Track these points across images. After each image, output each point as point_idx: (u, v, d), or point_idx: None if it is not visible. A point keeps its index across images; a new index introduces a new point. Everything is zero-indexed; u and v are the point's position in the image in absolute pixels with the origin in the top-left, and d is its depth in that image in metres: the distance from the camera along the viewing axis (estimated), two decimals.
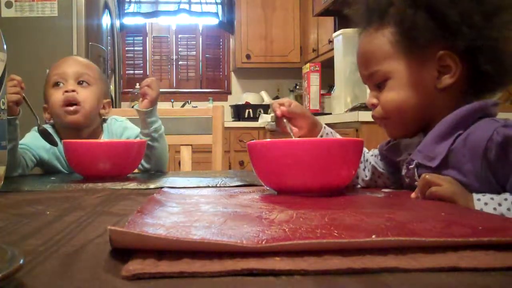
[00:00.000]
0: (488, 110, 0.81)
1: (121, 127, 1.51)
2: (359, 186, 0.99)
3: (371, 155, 1.01)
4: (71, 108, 1.37)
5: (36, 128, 1.35)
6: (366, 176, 0.99)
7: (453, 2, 0.81)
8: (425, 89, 0.85)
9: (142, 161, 1.37)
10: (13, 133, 1.21)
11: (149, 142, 1.36)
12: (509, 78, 0.86)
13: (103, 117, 1.49)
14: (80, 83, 1.41)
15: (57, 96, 1.38)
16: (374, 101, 0.90)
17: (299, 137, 0.99)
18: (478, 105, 0.81)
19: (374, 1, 0.89)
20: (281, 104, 1.00)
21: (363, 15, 0.92)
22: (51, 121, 1.46)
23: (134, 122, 1.54)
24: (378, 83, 0.88)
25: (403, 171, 0.89)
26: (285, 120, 1.00)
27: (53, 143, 1.31)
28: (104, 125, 1.51)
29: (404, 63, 0.85)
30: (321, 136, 1.01)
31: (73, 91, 1.38)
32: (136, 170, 1.33)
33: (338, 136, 1.03)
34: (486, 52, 0.81)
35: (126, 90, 4.69)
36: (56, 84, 1.40)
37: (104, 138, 1.47)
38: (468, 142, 0.77)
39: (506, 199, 0.70)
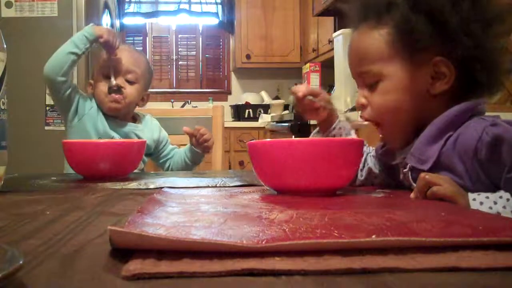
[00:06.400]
0: (477, 109, 0.81)
1: (157, 126, 1.69)
2: (355, 185, 0.99)
3: (369, 155, 1.01)
4: (116, 96, 1.55)
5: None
6: (362, 176, 0.99)
7: (455, 10, 0.80)
8: (418, 94, 0.84)
9: (174, 170, 1.64)
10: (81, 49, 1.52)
11: (193, 165, 1.64)
12: (498, 87, 0.86)
13: (137, 106, 1.69)
14: (127, 80, 1.58)
15: (105, 86, 1.56)
16: (363, 101, 0.88)
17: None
18: (466, 106, 0.81)
19: None
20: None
21: (359, 11, 0.90)
22: (92, 94, 1.64)
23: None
24: (369, 84, 0.87)
25: (401, 175, 0.89)
26: (310, 97, 0.98)
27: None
28: (142, 118, 1.68)
29: (398, 66, 0.84)
30: (334, 128, 1.01)
31: (121, 87, 1.56)
32: (136, 170, 1.35)
33: (353, 134, 1.02)
34: (481, 61, 0.81)
35: None
36: (107, 77, 1.57)
37: (143, 129, 1.64)
38: (458, 143, 0.78)
39: (501, 197, 0.71)
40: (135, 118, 1.68)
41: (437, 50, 0.82)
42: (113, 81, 1.55)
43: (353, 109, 2.69)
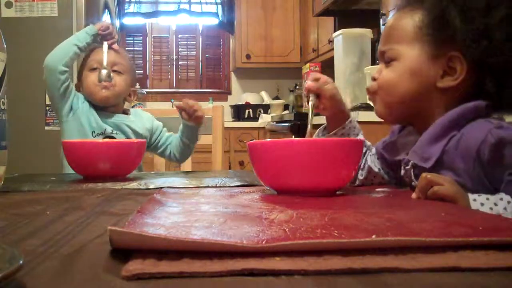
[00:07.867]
0: (483, 110, 0.81)
1: (149, 117, 1.72)
2: (355, 184, 0.99)
3: (369, 154, 1.01)
4: (105, 84, 1.59)
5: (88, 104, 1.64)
6: (362, 175, 0.99)
7: (487, 12, 0.81)
8: (425, 83, 0.85)
9: (176, 154, 1.65)
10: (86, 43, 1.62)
11: (190, 144, 1.63)
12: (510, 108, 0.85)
13: (126, 102, 1.73)
14: (114, 70, 1.62)
15: (94, 77, 1.60)
16: (376, 75, 0.91)
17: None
18: (472, 105, 0.81)
19: None
20: (317, 79, 0.97)
21: None
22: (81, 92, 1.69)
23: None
24: (387, 61, 0.89)
25: (402, 171, 0.89)
26: (311, 95, 0.96)
27: None
28: (131, 110, 1.73)
29: (416, 51, 0.86)
30: (343, 128, 0.98)
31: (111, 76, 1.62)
32: (136, 169, 1.35)
33: (361, 136, 0.99)
34: (496, 71, 0.81)
35: None
36: (94, 69, 1.62)
37: (134, 120, 1.67)
38: (461, 143, 0.78)
39: (501, 199, 0.71)
40: (126, 113, 1.71)
41: (457, 47, 0.83)
42: (105, 65, 1.59)
43: (353, 109, 2.68)
